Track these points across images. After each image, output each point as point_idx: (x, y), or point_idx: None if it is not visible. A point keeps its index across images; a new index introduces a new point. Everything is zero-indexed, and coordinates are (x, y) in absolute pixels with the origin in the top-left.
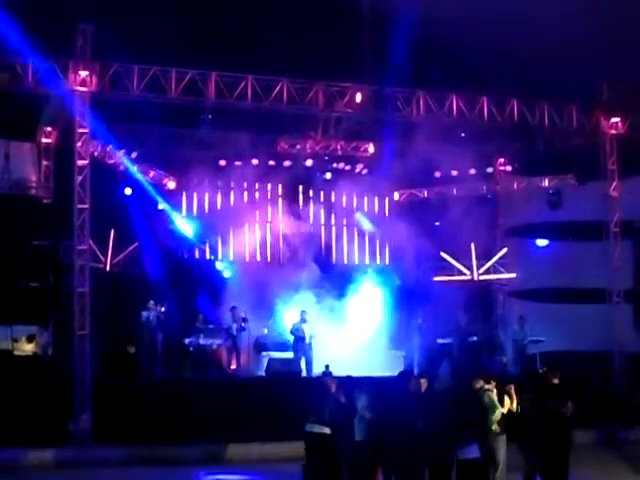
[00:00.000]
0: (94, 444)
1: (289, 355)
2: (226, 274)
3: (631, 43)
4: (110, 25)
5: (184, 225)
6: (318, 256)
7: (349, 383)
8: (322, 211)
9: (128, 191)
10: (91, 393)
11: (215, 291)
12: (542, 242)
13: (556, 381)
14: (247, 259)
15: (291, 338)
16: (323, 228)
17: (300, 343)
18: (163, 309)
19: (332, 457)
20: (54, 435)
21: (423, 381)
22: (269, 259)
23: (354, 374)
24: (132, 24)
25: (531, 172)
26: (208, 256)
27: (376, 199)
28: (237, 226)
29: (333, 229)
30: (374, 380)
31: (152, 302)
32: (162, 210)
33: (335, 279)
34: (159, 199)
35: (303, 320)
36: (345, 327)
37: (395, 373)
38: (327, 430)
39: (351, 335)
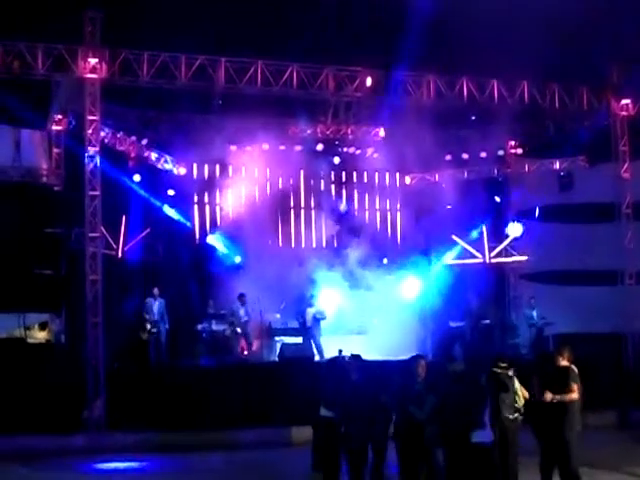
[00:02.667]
0: (107, 431)
1: (302, 340)
2: (237, 260)
3: None
4: (119, 11)
5: (196, 211)
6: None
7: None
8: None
9: (137, 178)
10: (104, 380)
11: (227, 277)
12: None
13: (565, 363)
14: (259, 243)
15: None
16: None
17: (305, 327)
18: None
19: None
20: (68, 422)
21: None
22: (281, 244)
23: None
24: (141, 10)
25: (542, 154)
26: (219, 242)
27: (387, 182)
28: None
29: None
30: (392, 363)
31: (156, 290)
32: (173, 196)
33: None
34: (170, 186)
35: (309, 304)
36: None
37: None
38: (330, 414)
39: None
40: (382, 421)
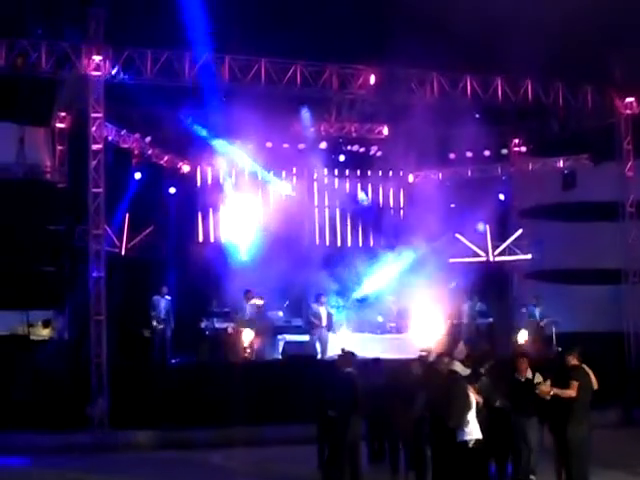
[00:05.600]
0: (111, 428)
1: (305, 338)
2: (243, 257)
3: None
4: (123, 9)
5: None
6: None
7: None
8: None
9: (138, 175)
10: (107, 377)
11: (230, 274)
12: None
13: (575, 362)
14: (264, 241)
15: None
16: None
17: (315, 326)
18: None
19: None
20: (71, 419)
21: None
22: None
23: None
24: (145, 8)
25: (546, 153)
26: (223, 239)
27: (390, 181)
28: (252, 208)
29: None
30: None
31: (165, 288)
32: (177, 194)
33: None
34: (174, 183)
35: (320, 303)
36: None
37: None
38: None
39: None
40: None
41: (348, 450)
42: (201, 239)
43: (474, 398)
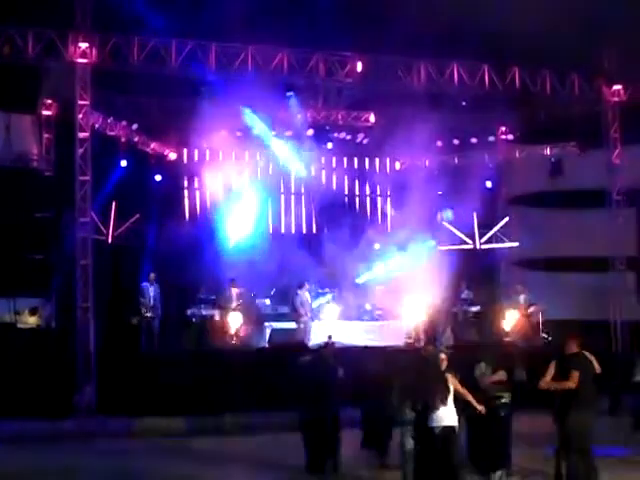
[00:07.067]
0: (98, 416)
1: (291, 325)
2: (229, 245)
3: (634, 11)
4: None
5: (187, 196)
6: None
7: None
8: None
9: (123, 163)
10: (95, 365)
11: (217, 262)
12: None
13: (575, 349)
14: (252, 230)
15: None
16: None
17: (300, 313)
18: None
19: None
20: (58, 407)
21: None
22: (271, 230)
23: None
24: None
25: (533, 140)
26: (211, 227)
27: (377, 168)
28: (240, 197)
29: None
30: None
31: (153, 275)
32: (163, 181)
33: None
34: (160, 171)
35: (304, 290)
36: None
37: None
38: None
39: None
40: None
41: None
42: (188, 227)
43: (451, 385)
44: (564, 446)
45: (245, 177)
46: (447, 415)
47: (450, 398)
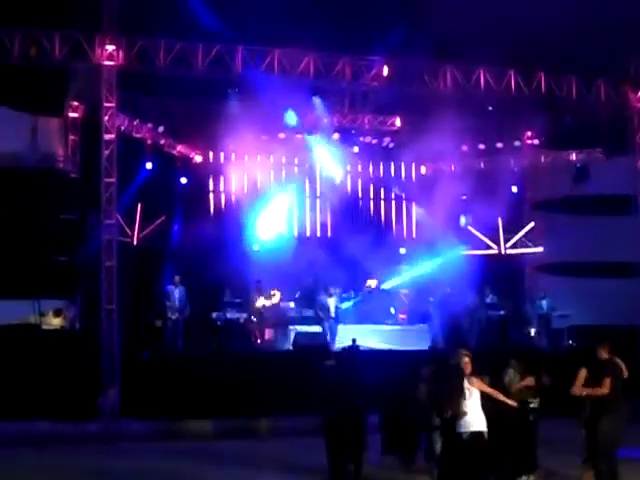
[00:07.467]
0: (122, 418)
1: (316, 329)
2: (255, 248)
3: None
4: None
5: (213, 198)
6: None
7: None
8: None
9: (149, 165)
10: (119, 367)
11: (242, 265)
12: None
13: (605, 356)
14: (277, 233)
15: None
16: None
17: (327, 317)
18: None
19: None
20: (82, 409)
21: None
22: (296, 233)
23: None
24: None
25: (558, 146)
26: (237, 230)
27: (403, 172)
28: (266, 200)
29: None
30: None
31: (177, 277)
32: (188, 184)
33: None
34: (185, 173)
35: (328, 294)
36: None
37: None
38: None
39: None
40: None
41: None
42: (213, 229)
43: (474, 389)
44: (593, 452)
45: (271, 179)
46: (475, 420)
47: (474, 402)
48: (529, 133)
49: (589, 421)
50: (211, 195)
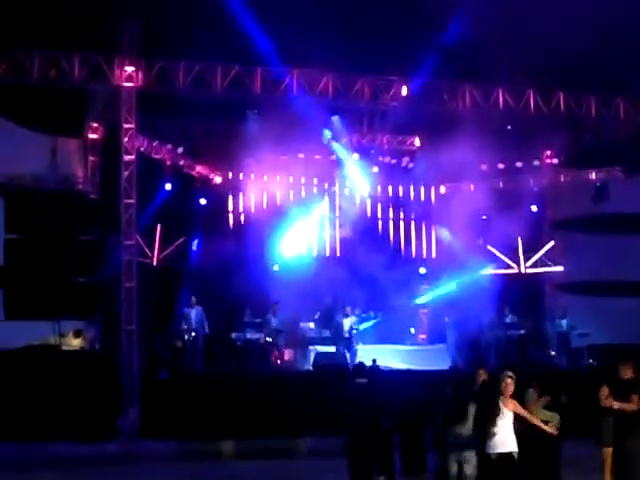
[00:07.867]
0: (142, 439)
1: (332, 349)
2: (275, 268)
3: None
4: (155, 21)
5: (232, 218)
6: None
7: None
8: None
9: (168, 186)
10: (138, 388)
11: (262, 285)
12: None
13: (629, 375)
14: (297, 253)
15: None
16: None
17: (341, 337)
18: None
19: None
20: (102, 430)
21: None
22: (316, 253)
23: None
24: (177, 20)
25: (578, 165)
26: (257, 250)
27: (422, 192)
28: (286, 220)
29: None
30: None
31: (194, 299)
32: (208, 204)
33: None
34: (205, 194)
35: (345, 315)
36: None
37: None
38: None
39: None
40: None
41: None
42: (233, 249)
43: (505, 409)
44: (617, 470)
45: (290, 199)
46: (505, 441)
47: (506, 424)
48: (548, 152)
49: (614, 439)
50: (230, 215)
